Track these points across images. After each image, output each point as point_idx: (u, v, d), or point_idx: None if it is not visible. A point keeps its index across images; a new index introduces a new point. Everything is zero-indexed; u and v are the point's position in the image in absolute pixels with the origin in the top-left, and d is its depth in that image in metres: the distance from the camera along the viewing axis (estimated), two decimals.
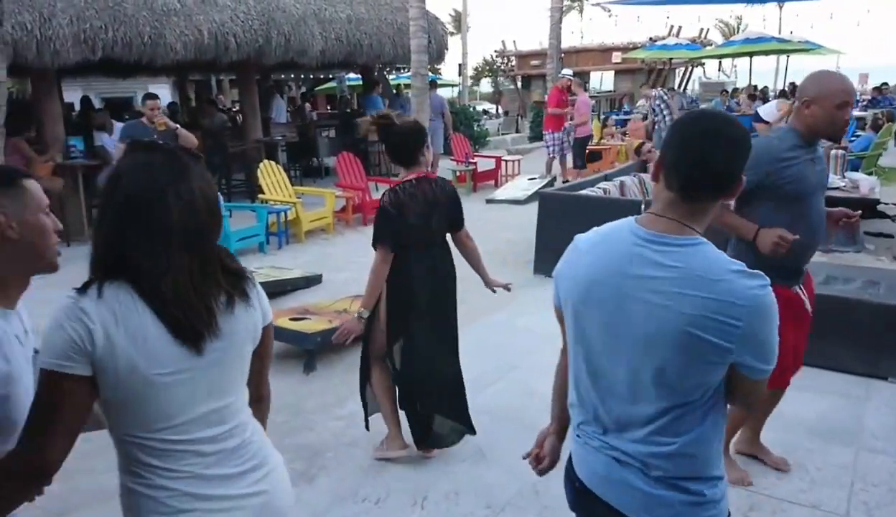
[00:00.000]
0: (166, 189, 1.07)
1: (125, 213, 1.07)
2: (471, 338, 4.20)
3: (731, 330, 1.08)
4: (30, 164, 6.45)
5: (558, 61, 11.59)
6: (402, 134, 2.60)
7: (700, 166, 1.13)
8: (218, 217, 1.17)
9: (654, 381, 1.15)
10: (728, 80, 24.05)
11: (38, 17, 5.85)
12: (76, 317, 1.03)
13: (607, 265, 1.19)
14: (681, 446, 1.15)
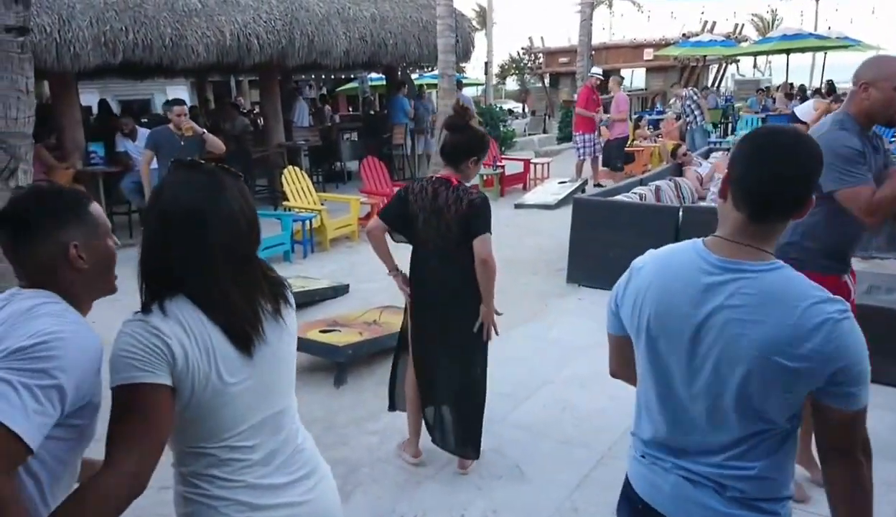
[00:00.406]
0: (207, 207, 1.11)
1: (169, 231, 1.10)
2: (503, 350, 3.97)
3: (809, 353, 1.04)
4: (50, 171, 6.38)
5: (589, 59, 11.21)
6: (461, 135, 2.52)
7: (775, 187, 1.08)
8: (257, 231, 1.20)
9: (736, 409, 1.12)
10: (763, 77, 23.28)
11: (57, 20, 5.77)
12: (151, 333, 1.06)
13: (681, 294, 1.15)
14: (760, 470, 1.13)
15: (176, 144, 5.17)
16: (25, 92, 2.28)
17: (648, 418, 1.25)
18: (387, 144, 10.63)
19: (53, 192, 1.21)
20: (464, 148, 2.48)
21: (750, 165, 1.09)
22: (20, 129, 2.33)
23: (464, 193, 2.47)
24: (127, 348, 1.05)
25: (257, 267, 1.20)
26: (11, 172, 2.39)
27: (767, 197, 1.08)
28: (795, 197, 1.09)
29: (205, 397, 1.09)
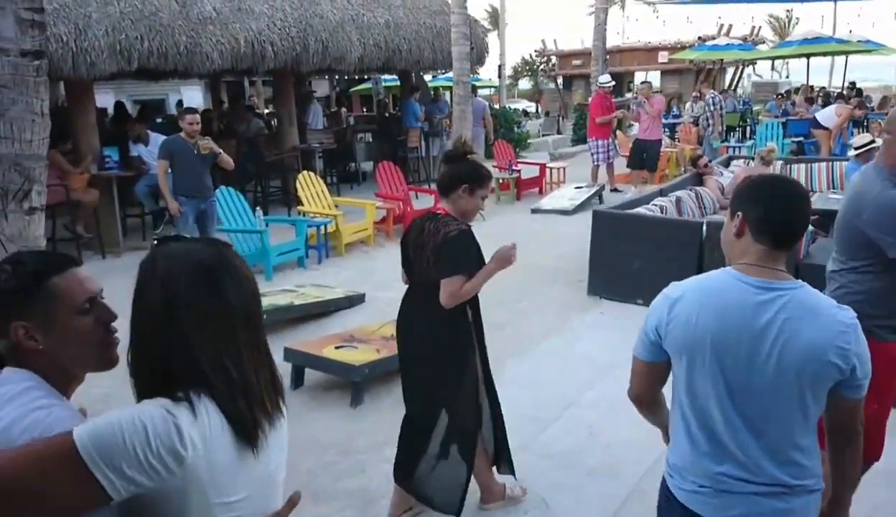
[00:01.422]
0: (217, 262, 1.01)
1: (178, 296, 0.97)
2: (524, 370, 3.89)
3: (846, 351, 1.30)
4: (65, 176, 6.37)
5: (603, 64, 11.06)
6: (456, 165, 2.38)
7: (792, 224, 1.38)
8: (259, 299, 1.08)
9: (798, 411, 1.34)
10: (782, 80, 22.90)
11: (73, 29, 5.76)
12: (168, 434, 0.90)
13: (738, 312, 1.34)
14: (806, 462, 1.37)
15: (189, 153, 5.18)
16: (41, 115, 2.22)
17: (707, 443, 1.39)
18: (401, 147, 10.58)
19: (18, 262, 1.07)
20: (455, 176, 2.34)
21: (772, 209, 1.37)
22: (34, 152, 2.27)
23: (443, 225, 2.27)
24: (128, 436, 0.87)
25: (266, 342, 1.06)
26: (25, 194, 2.34)
27: (789, 231, 1.38)
28: (802, 230, 1.41)
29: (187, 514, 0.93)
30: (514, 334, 4.36)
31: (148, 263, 1.01)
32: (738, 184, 1.60)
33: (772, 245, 1.36)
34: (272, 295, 4.73)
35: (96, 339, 1.07)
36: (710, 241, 4.55)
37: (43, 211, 2.44)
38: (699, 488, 1.40)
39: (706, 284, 1.40)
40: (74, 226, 6.55)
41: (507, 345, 4.17)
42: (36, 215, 2.39)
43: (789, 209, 1.37)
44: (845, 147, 9.66)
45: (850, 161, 6.33)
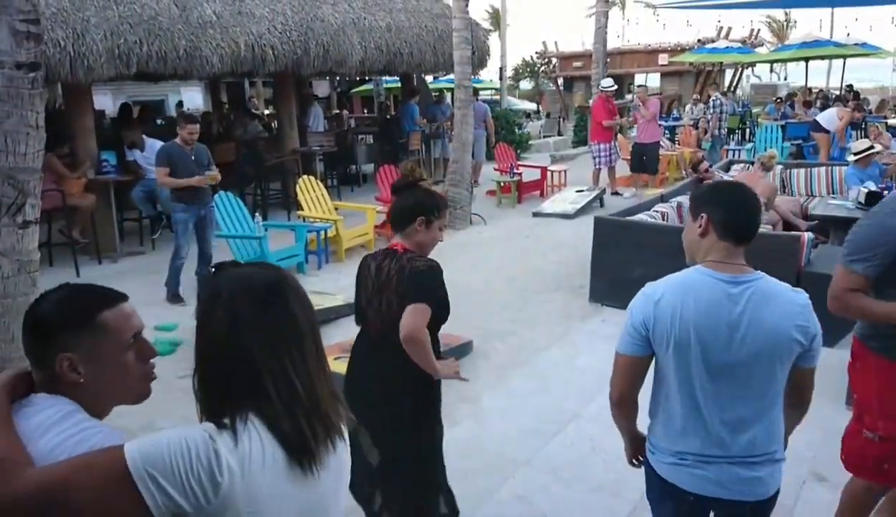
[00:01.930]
0: (280, 278, 1.04)
1: (251, 326, 0.98)
2: (526, 382, 3.85)
3: (805, 328, 1.54)
4: (62, 181, 6.32)
5: (604, 67, 11.01)
6: (407, 196, 2.12)
7: (751, 224, 1.59)
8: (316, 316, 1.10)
9: (769, 385, 1.56)
10: (780, 82, 22.86)
11: (71, 34, 5.70)
12: (208, 459, 0.91)
13: (716, 304, 1.53)
14: (775, 430, 1.60)
15: (187, 159, 5.17)
16: (35, 127, 2.19)
17: (685, 420, 1.59)
18: (402, 149, 10.54)
19: (68, 295, 1.08)
20: (408, 209, 2.09)
21: (734, 212, 1.59)
22: (29, 165, 2.24)
23: (409, 262, 2.05)
24: (174, 457, 0.89)
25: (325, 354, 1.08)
26: (19, 208, 2.30)
27: (749, 231, 1.59)
28: (756, 229, 1.61)
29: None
30: (517, 344, 4.33)
31: (211, 288, 1.03)
32: (696, 188, 1.80)
33: (734, 243, 1.57)
34: None
35: (136, 374, 1.10)
36: None
37: (37, 224, 2.40)
38: (679, 461, 1.60)
39: (683, 282, 1.58)
40: (70, 231, 6.49)
41: (509, 356, 4.14)
42: (30, 229, 2.36)
43: (748, 212, 1.59)
44: (844, 151, 9.64)
45: (850, 166, 6.30)
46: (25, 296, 2.44)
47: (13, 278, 2.38)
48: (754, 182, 5.97)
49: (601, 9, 11.13)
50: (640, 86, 10.04)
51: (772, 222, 5.85)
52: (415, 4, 9.46)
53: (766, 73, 23.39)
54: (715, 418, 1.56)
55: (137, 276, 6.17)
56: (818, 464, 2.93)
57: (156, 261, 6.52)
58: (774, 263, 4.30)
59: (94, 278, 6.19)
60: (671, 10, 19.36)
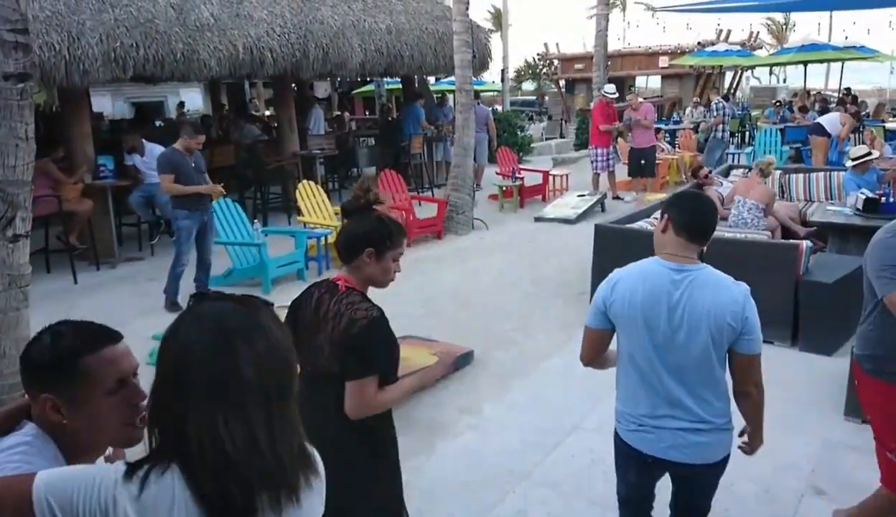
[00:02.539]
0: (237, 335, 0.92)
1: (187, 369, 0.91)
2: (526, 392, 3.81)
3: (738, 314, 1.74)
4: (58, 186, 6.26)
5: (605, 70, 10.97)
6: (357, 221, 1.83)
7: (702, 223, 1.85)
8: (293, 368, 0.98)
9: (708, 362, 1.78)
10: (780, 85, 22.82)
11: (66, 37, 5.64)
12: (106, 505, 0.88)
13: (661, 288, 1.80)
14: (717, 403, 1.82)
15: (188, 165, 5.16)
16: (25, 139, 2.14)
17: (640, 390, 1.85)
18: (404, 152, 10.49)
19: (57, 336, 1.08)
20: (358, 237, 1.79)
21: (693, 215, 1.86)
22: (18, 177, 2.19)
23: (347, 307, 1.73)
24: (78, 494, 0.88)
25: (297, 419, 0.97)
26: (9, 221, 2.26)
27: (702, 229, 1.84)
28: (712, 231, 1.86)
29: None
30: (517, 353, 4.28)
31: (176, 321, 0.96)
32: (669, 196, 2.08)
33: (687, 239, 1.81)
34: None
35: (120, 420, 1.07)
36: (708, 259, 4.46)
37: (27, 237, 2.36)
38: (638, 427, 1.85)
39: (639, 269, 1.86)
40: (68, 237, 6.44)
41: (510, 365, 4.09)
42: (20, 242, 2.31)
43: (701, 215, 1.86)
44: (842, 156, 9.59)
45: (848, 172, 6.26)
46: (17, 311, 2.39)
47: (4, 293, 2.33)
48: (753, 188, 5.93)
49: (601, 12, 11.08)
50: (631, 94, 10.02)
51: (770, 228, 5.80)
52: (415, 6, 9.41)
53: (766, 74, 23.36)
54: (663, 388, 1.81)
55: (136, 283, 6.12)
56: (817, 477, 2.90)
57: (154, 268, 6.48)
58: (772, 272, 4.31)
59: (93, 285, 6.15)
60: (671, 13, 19.31)
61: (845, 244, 5.14)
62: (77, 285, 6.03)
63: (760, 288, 4.18)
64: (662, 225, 1.87)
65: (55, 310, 5.29)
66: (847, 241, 5.14)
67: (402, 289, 6.02)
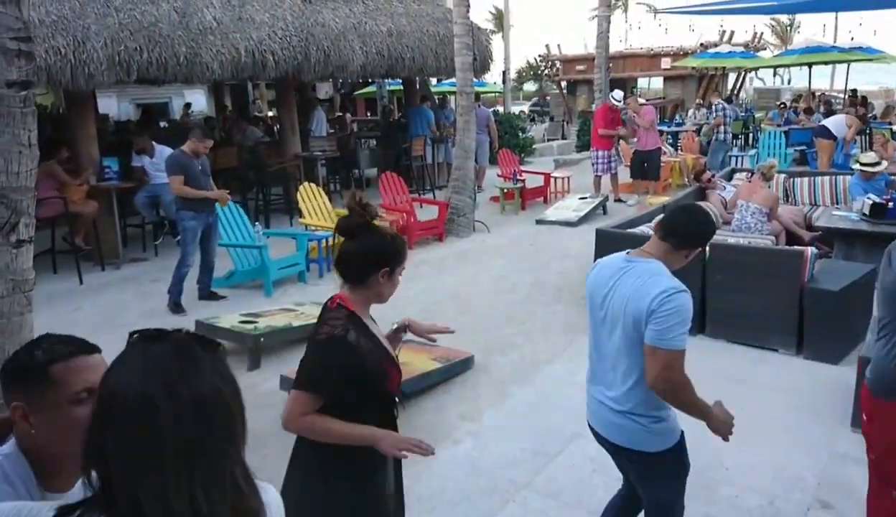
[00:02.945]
0: (161, 389, 0.82)
1: (109, 422, 0.82)
2: (527, 398, 3.81)
3: (651, 304, 1.82)
4: (64, 188, 6.30)
5: (606, 72, 10.96)
6: (367, 240, 1.70)
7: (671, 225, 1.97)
8: (238, 422, 0.87)
9: (626, 348, 1.90)
10: (784, 86, 22.77)
11: (72, 42, 5.69)
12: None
13: (604, 277, 1.99)
14: (622, 388, 1.92)
15: (195, 168, 5.23)
16: (28, 145, 2.16)
17: (588, 369, 2.08)
18: (405, 154, 10.50)
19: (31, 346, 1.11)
20: (371, 258, 1.69)
21: (666, 214, 2.05)
22: (22, 184, 2.20)
23: (327, 321, 1.68)
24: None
25: (227, 480, 0.85)
26: (12, 227, 2.27)
27: (668, 228, 1.97)
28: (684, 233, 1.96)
29: None
30: (518, 358, 4.28)
31: (115, 360, 0.88)
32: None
33: (658, 237, 1.96)
34: (270, 315, 4.64)
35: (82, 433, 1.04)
36: (712, 264, 4.46)
37: (31, 243, 2.37)
38: (588, 403, 2.07)
39: (607, 258, 2.05)
40: (73, 238, 6.48)
41: (511, 370, 4.09)
42: (24, 248, 2.32)
43: (671, 213, 2.02)
44: (848, 158, 9.54)
45: (855, 176, 6.22)
46: (20, 316, 2.40)
47: (7, 298, 2.34)
48: (756, 192, 5.91)
49: (603, 13, 11.08)
50: (630, 96, 9.99)
51: (774, 233, 5.77)
52: (416, 9, 9.42)
53: (770, 76, 23.30)
54: (596, 364, 2.01)
55: (139, 284, 6.15)
56: (823, 491, 2.87)
57: (158, 268, 6.53)
58: (777, 279, 4.30)
59: (98, 285, 6.18)
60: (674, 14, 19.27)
61: (851, 250, 5.10)
62: (82, 286, 6.06)
63: (765, 294, 4.30)
64: (654, 224, 2.11)
65: (61, 311, 5.33)
66: (853, 247, 5.10)
67: (403, 293, 5.95)
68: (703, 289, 4.46)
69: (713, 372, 4.08)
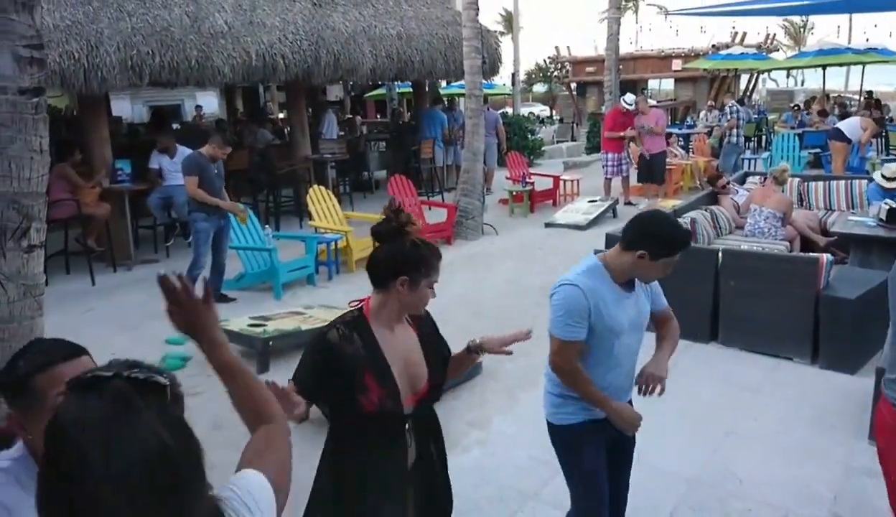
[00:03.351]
0: (92, 447, 0.72)
1: (44, 478, 0.76)
2: (534, 404, 3.72)
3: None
4: (76, 190, 6.37)
5: (616, 73, 10.90)
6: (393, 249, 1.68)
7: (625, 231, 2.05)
8: (186, 479, 0.77)
9: None
10: (797, 87, 22.54)
11: (85, 46, 5.75)
12: None
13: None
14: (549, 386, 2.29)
15: (212, 171, 5.31)
16: (39, 151, 2.17)
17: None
18: (415, 156, 10.50)
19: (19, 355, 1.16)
20: (389, 264, 1.68)
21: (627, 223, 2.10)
22: (33, 189, 2.22)
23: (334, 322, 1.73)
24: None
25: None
26: (24, 232, 2.28)
27: (623, 231, 2.05)
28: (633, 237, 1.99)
29: None
30: (527, 364, 4.22)
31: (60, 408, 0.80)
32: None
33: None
34: (279, 318, 4.65)
35: None
36: (725, 270, 4.40)
37: (42, 248, 2.38)
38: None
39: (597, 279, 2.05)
40: (86, 239, 6.54)
41: (519, 376, 4.06)
42: (35, 253, 2.33)
43: (631, 221, 2.06)
44: (864, 161, 9.40)
45: (873, 183, 6.11)
46: (31, 320, 2.42)
47: (18, 302, 2.36)
48: (769, 196, 5.84)
49: (613, 15, 11.02)
50: (639, 96, 9.88)
51: (788, 238, 5.70)
52: (425, 12, 9.44)
53: (783, 77, 23.08)
54: None
55: (151, 285, 6.07)
56: (839, 506, 2.81)
57: (170, 270, 6.37)
58: (791, 286, 4.24)
59: (110, 287, 6.23)
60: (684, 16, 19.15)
61: (868, 256, 5.02)
62: (94, 287, 6.12)
63: (779, 301, 4.24)
64: None
65: (73, 312, 5.38)
66: (870, 254, 5.02)
67: None
68: (716, 295, 4.41)
69: (726, 380, 4.04)
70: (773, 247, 5.17)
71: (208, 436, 3.54)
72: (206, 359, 1.17)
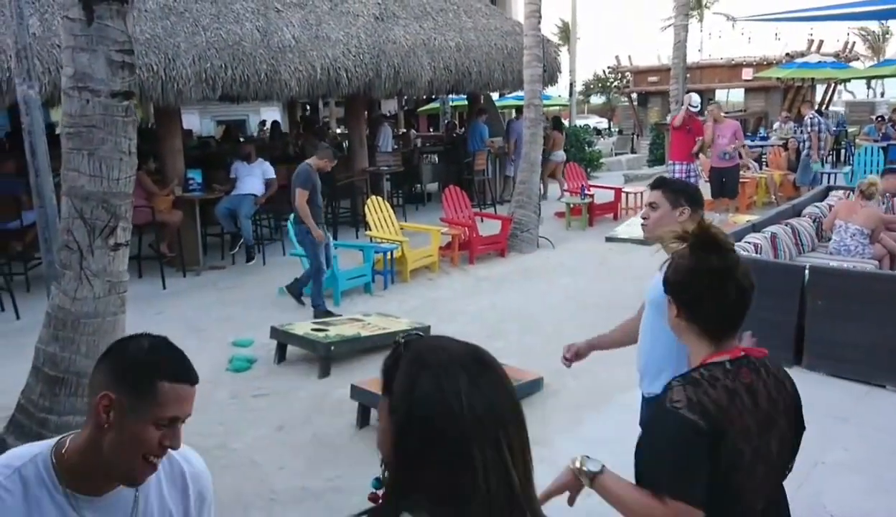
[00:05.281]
0: (493, 361, 0.88)
1: (422, 428, 0.83)
2: (599, 425, 3.61)
3: None
4: (151, 198, 6.68)
5: (683, 83, 10.53)
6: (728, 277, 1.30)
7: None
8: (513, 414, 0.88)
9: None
10: (879, 100, 21.16)
11: (163, 59, 6.05)
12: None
13: None
14: None
15: (318, 184, 5.58)
16: (128, 153, 2.26)
17: None
18: (468, 169, 10.50)
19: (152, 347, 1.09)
20: (732, 295, 1.32)
21: None
22: (121, 190, 2.31)
23: (776, 367, 1.43)
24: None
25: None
26: (111, 231, 2.38)
27: None
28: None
29: None
30: (591, 383, 4.07)
31: (410, 355, 0.90)
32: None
33: None
34: (339, 324, 4.69)
35: (145, 453, 1.05)
36: (811, 289, 4.09)
37: (127, 246, 2.48)
38: None
39: None
40: (159, 245, 6.85)
41: (583, 395, 3.91)
42: (120, 251, 2.43)
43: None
44: None
45: None
46: (114, 316, 2.51)
47: (104, 298, 2.46)
48: (856, 211, 5.44)
49: (680, 22, 10.69)
50: (713, 102, 9.42)
51: (878, 257, 5.28)
52: (485, 23, 9.45)
53: (862, 88, 21.76)
54: None
55: (218, 291, 6.41)
56: None
57: (235, 276, 6.84)
58: (882, 307, 3.89)
59: (179, 291, 6.48)
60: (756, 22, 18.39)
61: None
62: (165, 290, 6.39)
63: (869, 324, 3.89)
64: None
65: (145, 314, 5.56)
66: None
67: (464, 308, 5.97)
68: (801, 316, 4.10)
69: (812, 407, 3.65)
70: (862, 265, 4.79)
71: (272, 435, 3.54)
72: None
